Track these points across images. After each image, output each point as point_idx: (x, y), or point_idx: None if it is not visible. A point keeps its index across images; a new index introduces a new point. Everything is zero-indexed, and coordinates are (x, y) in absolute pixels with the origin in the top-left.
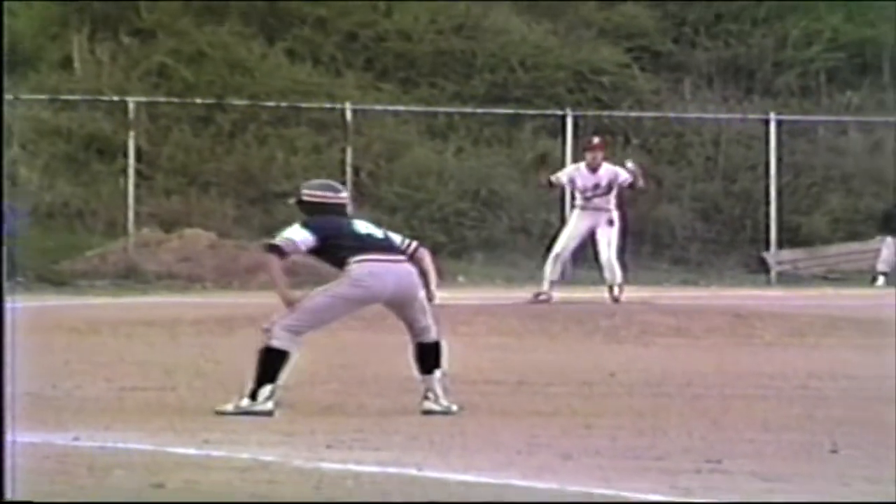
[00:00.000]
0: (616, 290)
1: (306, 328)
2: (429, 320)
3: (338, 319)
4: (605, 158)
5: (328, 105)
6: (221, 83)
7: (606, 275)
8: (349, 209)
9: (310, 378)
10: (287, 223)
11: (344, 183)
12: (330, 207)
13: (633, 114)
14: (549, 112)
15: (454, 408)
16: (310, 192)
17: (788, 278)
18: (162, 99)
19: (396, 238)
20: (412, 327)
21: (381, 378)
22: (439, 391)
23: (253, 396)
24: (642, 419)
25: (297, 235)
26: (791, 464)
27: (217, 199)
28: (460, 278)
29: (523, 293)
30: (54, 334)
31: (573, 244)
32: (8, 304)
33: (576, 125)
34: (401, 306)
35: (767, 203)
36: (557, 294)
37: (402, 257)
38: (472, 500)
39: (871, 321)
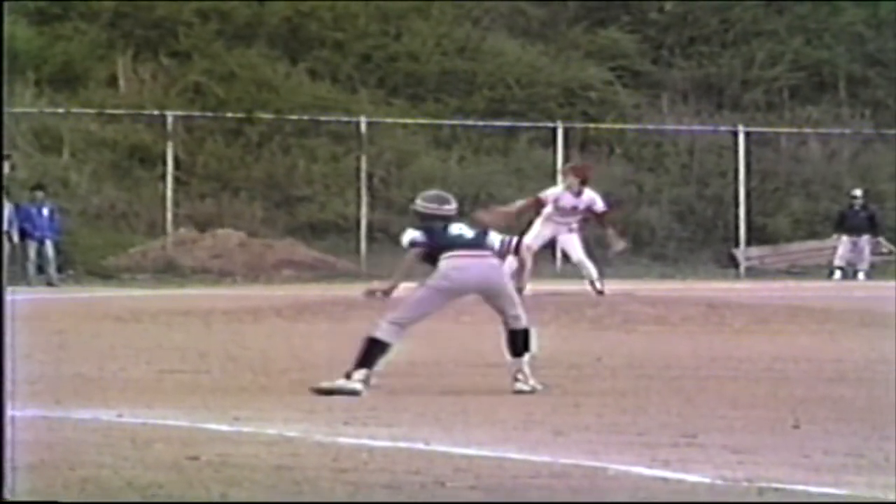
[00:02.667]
0: (597, 284)
1: (409, 321)
2: (518, 310)
3: (436, 311)
4: (585, 182)
5: (345, 118)
6: (250, 99)
7: (584, 272)
8: (455, 218)
9: (328, 363)
10: (308, 224)
11: (359, 188)
12: (439, 217)
13: (617, 126)
14: (541, 125)
15: (540, 387)
16: (423, 204)
17: (755, 272)
18: (197, 113)
19: (496, 238)
20: (503, 315)
21: (392, 362)
22: (528, 372)
23: (348, 376)
24: (625, 398)
25: (414, 235)
26: (758, 437)
27: (246, 202)
28: None
29: None
30: (101, 322)
31: (536, 244)
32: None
33: (566, 136)
34: (489, 297)
35: (737, 205)
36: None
37: (487, 252)
38: (474, 471)
39: (829, 311)
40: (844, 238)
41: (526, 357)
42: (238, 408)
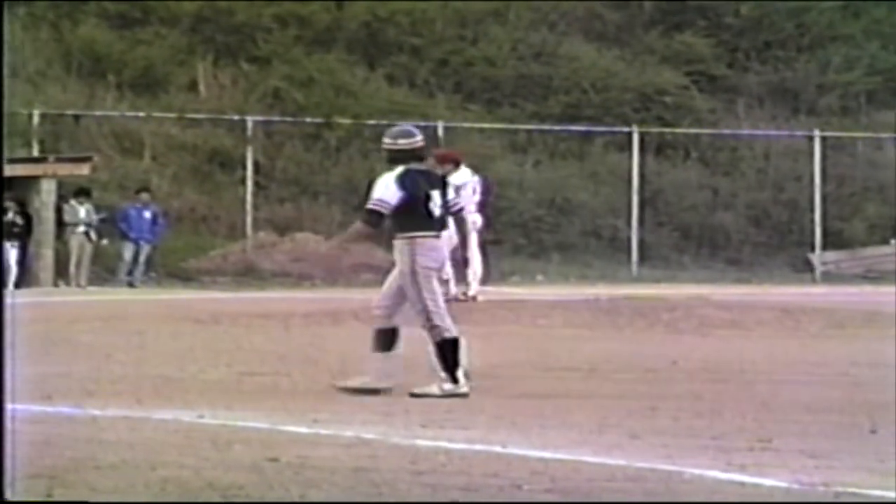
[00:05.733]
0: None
1: (440, 307)
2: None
3: None
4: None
5: (422, 123)
6: (329, 104)
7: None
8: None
9: (404, 365)
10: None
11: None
12: (411, 154)
13: (693, 131)
14: (617, 129)
15: (365, 383)
16: (392, 141)
17: (831, 277)
18: (277, 118)
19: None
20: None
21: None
22: (375, 368)
23: (455, 381)
24: (701, 402)
25: (391, 192)
26: (834, 442)
27: (325, 206)
28: (539, 277)
29: (595, 290)
30: (182, 324)
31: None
32: (143, 297)
33: (641, 141)
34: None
35: (812, 210)
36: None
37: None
38: (550, 474)
39: None
40: None
41: (379, 354)
42: (317, 410)
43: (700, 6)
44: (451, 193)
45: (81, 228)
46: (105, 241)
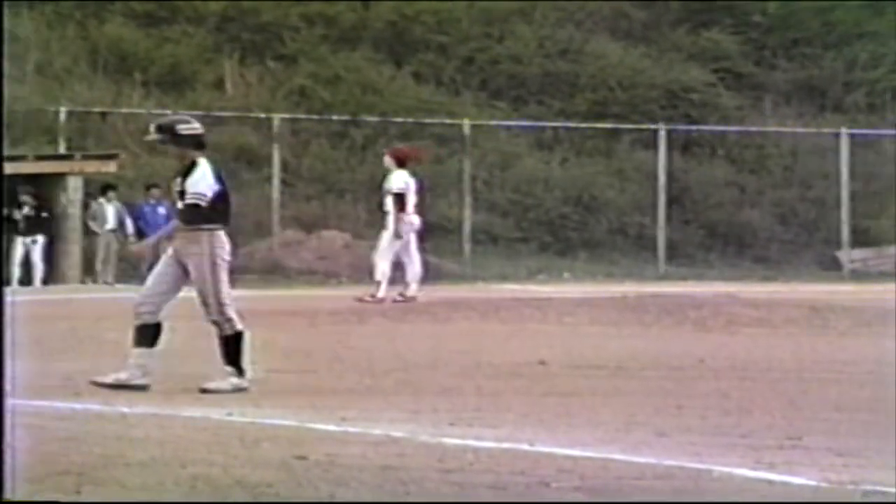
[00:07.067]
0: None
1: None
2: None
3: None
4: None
5: (448, 121)
6: (355, 102)
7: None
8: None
9: (432, 363)
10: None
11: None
12: (202, 140)
13: (719, 128)
14: (643, 126)
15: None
16: (187, 127)
17: (859, 275)
18: (303, 116)
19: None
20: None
21: (496, 363)
22: (134, 362)
23: (241, 373)
24: (729, 400)
25: (209, 183)
26: (862, 440)
27: (351, 204)
28: (565, 274)
29: (622, 287)
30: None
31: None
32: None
33: (668, 138)
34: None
35: (839, 207)
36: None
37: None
38: (578, 472)
39: None
40: None
41: (143, 350)
42: (344, 408)
43: (727, 4)
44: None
45: (109, 226)
46: (132, 239)
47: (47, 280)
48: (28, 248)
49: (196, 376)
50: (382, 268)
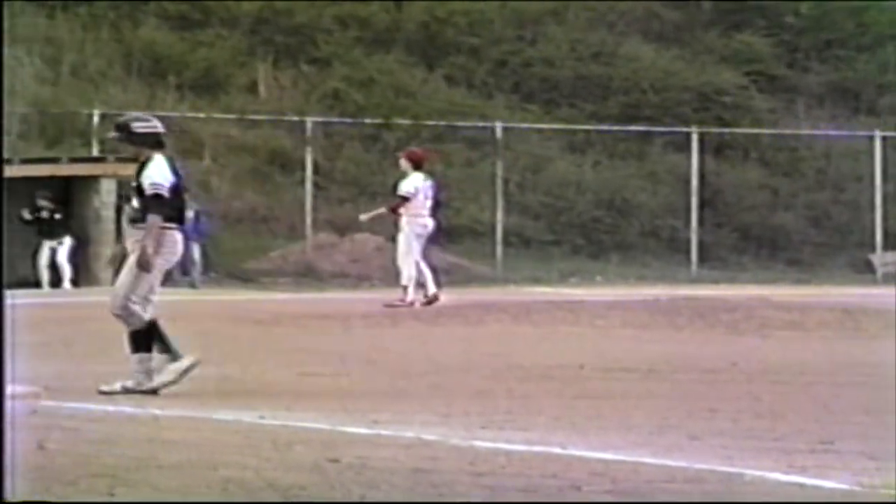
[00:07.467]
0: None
1: (146, 298)
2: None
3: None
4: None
5: (481, 124)
6: (388, 105)
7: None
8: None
9: (464, 366)
10: (444, 229)
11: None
12: (158, 139)
13: (752, 131)
14: (676, 129)
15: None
16: (142, 125)
17: (892, 278)
18: (336, 119)
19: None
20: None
21: (527, 365)
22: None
23: (175, 356)
24: (761, 404)
25: (165, 177)
26: (894, 444)
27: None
28: (598, 277)
29: (654, 290)
30: (242, 325)
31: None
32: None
33: (700, 141)
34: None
35: (873, 210)
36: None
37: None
38: (609, 475)
39: None
40: None
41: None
42: (376, 411)
43: (759, 5)
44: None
45: None
46: None
47: (77, 282)
48: (54, 250)
49: (229, 379)
50: (408, 272)
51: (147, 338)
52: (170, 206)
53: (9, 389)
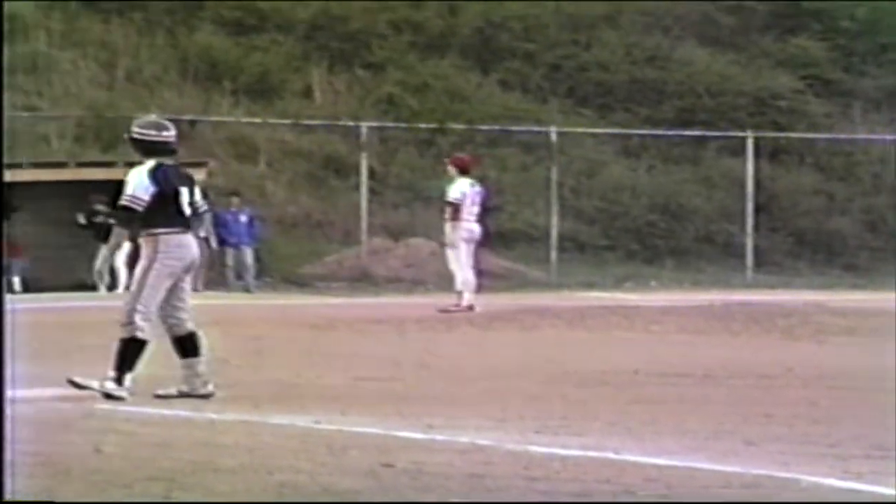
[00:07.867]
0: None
1: (151, 309)
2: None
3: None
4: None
5: (535, 128)
6: (442, 110)
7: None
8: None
9: (519, 371)
10: (499, 233)
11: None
12: (161, 147)
13: (808, 135)
14: (731, 134)
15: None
16: (140, 131)
17: None
18: (391, 124)
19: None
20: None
21: (582, 370)
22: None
23: (119, 383)
24: (817, 409)
25: (145, 185)
26: None
27: (438, 212)
28: (652, 282)
29: (709, 296)
30: (297, 329)
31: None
32: (259, 302)
33: (756, 145)
34: (185, 280)
35: None
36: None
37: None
38: (664, 481)
39: None
40: None
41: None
42: (431, 415)
43: (815, 9)
44: (198, 194)
45: (202, 234)
46: (214, 247)
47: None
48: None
49: (285, 384)
50: (462, 276)
51: (135, 353)
52: (153, 213)
53: (8, 392)
